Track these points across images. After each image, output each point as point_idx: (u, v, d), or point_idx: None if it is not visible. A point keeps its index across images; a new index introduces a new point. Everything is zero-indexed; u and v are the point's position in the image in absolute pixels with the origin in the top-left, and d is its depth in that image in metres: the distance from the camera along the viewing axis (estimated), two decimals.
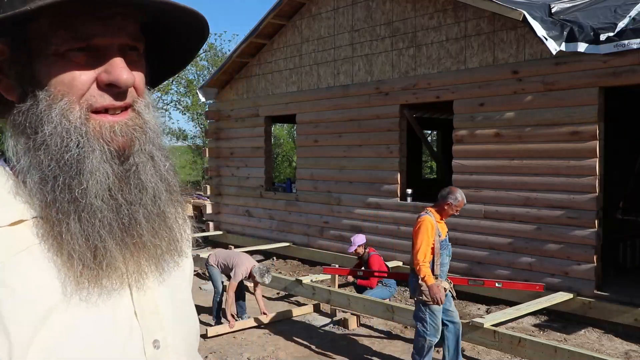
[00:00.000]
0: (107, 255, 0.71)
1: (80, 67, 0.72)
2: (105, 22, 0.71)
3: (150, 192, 0.75)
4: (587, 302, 6.18)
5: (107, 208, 0.71)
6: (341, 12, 9.09)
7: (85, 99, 0.72)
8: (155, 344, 0.77)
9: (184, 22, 0.81)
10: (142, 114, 0.77)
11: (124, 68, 0.72)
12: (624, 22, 5.75)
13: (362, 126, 8.69)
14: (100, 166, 0.71)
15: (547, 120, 6.46)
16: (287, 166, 27.97)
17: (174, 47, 0.88)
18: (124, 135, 0.74)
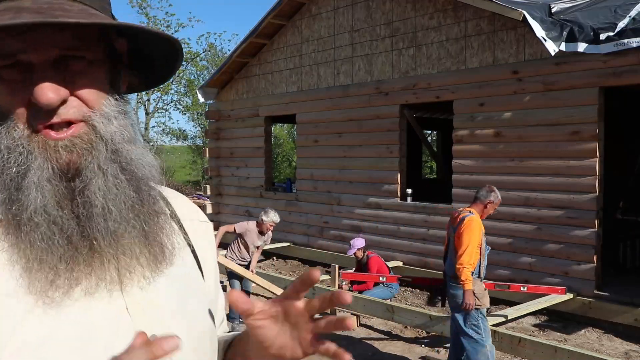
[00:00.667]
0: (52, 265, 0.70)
1: (15, 85, 0.71)
2: (24, 37, 0.69)
3: (99, 209, 0.72)
4: (587, 302, 6.18)
5: (48, 224, 0.70)
6: (341, 12, 9.09)
7: (27, 117, 0.71)
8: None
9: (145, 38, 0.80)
10: (96, 128, 0.73)
11: (49, 88, 0.69)
12: (624, 22, 5.75)
13: (362, 126, 8.69)
14: (40, 184, 0.70)
15: (547, 120, 6.46)
16: (287, 166, 27.97)
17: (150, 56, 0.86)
18: (69, 152, 0.71)
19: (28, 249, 0.70)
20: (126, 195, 0.75)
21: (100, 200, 0.72)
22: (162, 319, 0.78)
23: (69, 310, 0.70)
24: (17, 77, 0.71)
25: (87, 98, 0.73)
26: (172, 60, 0.86)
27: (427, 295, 7.65)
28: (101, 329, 0.72)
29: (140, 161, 0.78)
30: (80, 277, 0.71)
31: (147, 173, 0.79)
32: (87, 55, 0.73)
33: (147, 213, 0.78)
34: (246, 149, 10.93)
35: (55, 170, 0.71)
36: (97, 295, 0.72)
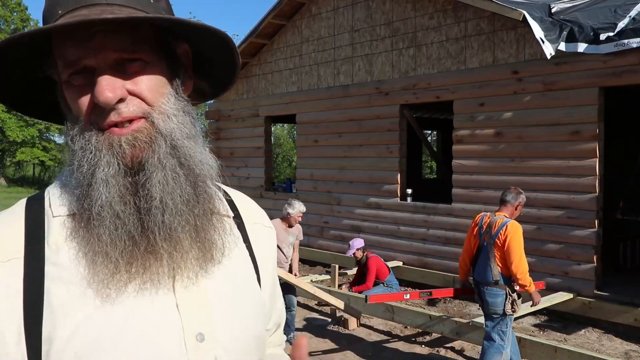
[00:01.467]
0: (114, 259, 0.75)
1: (81, 90, 0.77)
2: (85, 45, 0.75)
3: (157, 202, 0.77)
4: (587, 302, 6.18)
5: (112, 219, 0.75)
6: (341, 12, 9.09)
7: (93, 118, 0.77)
8: (199, 337, 0.78)
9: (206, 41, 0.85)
10: (156, 124, 0.78)
11: (107, 87, 0.75)
12: (624, 22, 5.75)
13: (362, 126, 8.69)
14: (106, 180, 0.75)
15: (547, 120, 6.46)
16: (287, 166, 27.96)
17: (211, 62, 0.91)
18: (131, 146, 0.77)
19: (95, 242, 0.75)
20: (182, 190, 0.79)
21: (159, 194, 0.77)
22: (210, 318, 0.80)
23: (124, 304, 0.75)
24: (83, 81, 0.77)
25: (146, 96, 0.78)
26: (231, 62, 0.90)
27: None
28: (151, 324, 0.75)
29: (199, 159, 0.82)
30: (138, 272, 0.76)
31: (204, 171, 0.82)
32: (143, 57, 0.78)
33: (202, 210, 0.82)
34: (246, 149, 10.93)
35: (120, 166, 0.76)
36: (150, 290, 0.77)
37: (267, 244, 0.99)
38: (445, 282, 7.46)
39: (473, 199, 7.23)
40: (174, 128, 0.79)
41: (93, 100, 0.76)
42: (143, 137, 0.77)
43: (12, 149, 33.32)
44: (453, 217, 7.51)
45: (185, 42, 0.86)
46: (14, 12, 33.15)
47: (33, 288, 0.74)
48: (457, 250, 7.44)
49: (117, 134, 0.76)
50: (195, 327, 0.78)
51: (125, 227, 0.75)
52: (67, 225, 0.78)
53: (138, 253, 0.76)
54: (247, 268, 0.91)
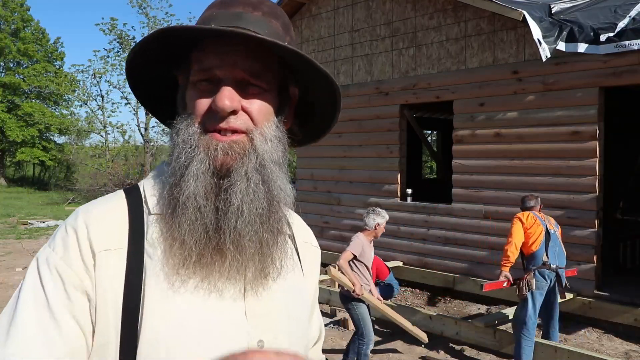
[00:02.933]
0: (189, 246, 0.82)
1: (203, 94, 0.86)
2: (222, 57, 0.85)
3: (235, 207, 0.83)
4: (587, 302, 6.18)
5: (194, 210, 0.82)
6: (341, 12, 9.09)
7: (203, 119, 0.86)
8: (260, 344, 0.84)
9: (319, 85, 0.93)
10: (254, 142, 0.86)
11: (227, 97, 0.84)
12: (624, 22, 5.75)
13: (362, 126, 8.69)
14: (198, 175, 0.83)
15: (547, 120, 6.46)
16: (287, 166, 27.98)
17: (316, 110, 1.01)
18: (225, 154, 0.84)
19: (176, 229, 0.82)
20: (259, 204, 0.86)
21: (238, 201, 0.84)
22: (272, 327, 0.87)
23: (191, 297, 0.81)
24: (208, 87, 0.86)
25: (255, 116, 0.87)
26: (330, 114, 0.99)
27: (427, 295, 7.66)
28: (219, 323, 0.82)
29: (279, 184, 0.90)
30: (207, 264, 0.83)
31: (281, 195, 0.90)
32: (262, 85, 0.88)
33: (271, 227, 0.88)
34: None
35: (211, 166, 0.84)
36: (218, 288, 0.83)
37: (314, 262, 1.09)
38: (446, 282, 7.46)
39: (473, 199, 7.23)
40: (266, 150, 0.87)
41: (211, 105, 0.85)
42: (238, 149, 0.85)
43: (12, 149, 33.31)
44: (453, 217, 7.50)
45: (297, 86, 0.96)
46: (14, 13, 33.10)
47: (134, 279, 0.81)
48: (457, 250, 7.45)
49: (217, 139, 0.85)
50: (258, 333, 0.85)
51: (204, 220, 0.83)
52: (162, 222, 0.85)
53: (209, 247, 0.83)
54: (301, 285, 1.00)
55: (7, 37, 32.38)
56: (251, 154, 0.86)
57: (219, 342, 0.81)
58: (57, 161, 33.09)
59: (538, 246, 4.88)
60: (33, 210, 19.10)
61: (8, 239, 12.44)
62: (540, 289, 4.81)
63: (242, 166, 0.85)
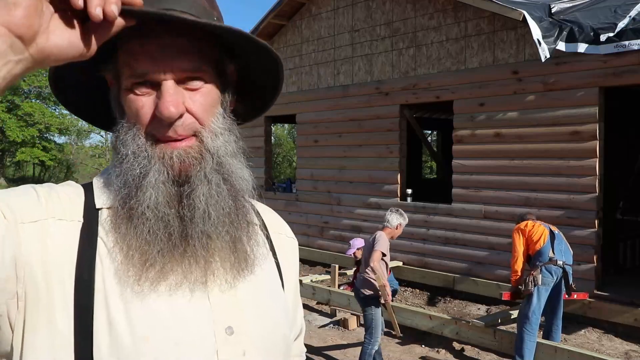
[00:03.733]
0: (151, 257, 0.80)
1: (142, 100, 0.82)
2: (155, 60, 0.80)
3: (200, 212, 0.82)
4: (587, 302, 6.18)
5: (156, 220, 0.81)
6: (341, 12, 9.09)
7: (150, 128, 0.83)
8: (228, 330, 0.83)
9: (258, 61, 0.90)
10: (205, 142, 0.84)
11: (172, 103, 0.80)
12: (624, 22, 5.75)
13: (362, 126, 8.69)
14: (156, 185, 0.81)
15: (547, 120, 6.46)
16: (287, 166, 27.97)
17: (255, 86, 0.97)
18: (181, 161, 0.82)
19: (134, 239, 0.80)
20: (225, 203, 0.85)
21: (202, 205, 0.82)
22: (240, 316, 0.85)
23: (153, 302, 0.79)
24: (145, 91, 0.82)
25: (200, 116, 0.84)
26: (273, 87, 0.96)
27: (427, 295, 7.66)
28: (184, 318, 0.80)
29: (239, 175, 0.88)
30: (170, 273, 0.81)
31: (243, 186, 0.89)
32: (204, 77, 0.84)
33: (240, 222, 0.88)
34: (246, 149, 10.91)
35: (169, 175, 0.82)
36: (184, 291, 0.81)
37: (290, 253, 1.06)
38: (446, 282, 7.46)
39: (473, 199, 7.23)
40: (220, 146, 0.85)
41: (155, 112, 0.81)
42: (193, 154, 0.83)
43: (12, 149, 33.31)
44: (453, 217, 7.51)
45: (233, 63, 0.91)
46: None
47: (87, 255, 0.79)
48: (457, 250, 7.45)
49: (172, 147, 0.82)
50: (225, 321, 0.83)
51: (167, 229, 0.81)
52: (108, 218, 0.83)
53: (176, 255, 0.81)
54: (273, 275, 0.97)
55: None
56: (206, 154, 0.84)
57: (187, 335, 0.79)
58: (57, 161, 33.09)
59: (544, 243, 4.94)
60: None
61: None
62: (546, 284, 4.86)
63: (200, 170, 0.83)
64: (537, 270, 4.84)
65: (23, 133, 31.45)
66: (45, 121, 30.66)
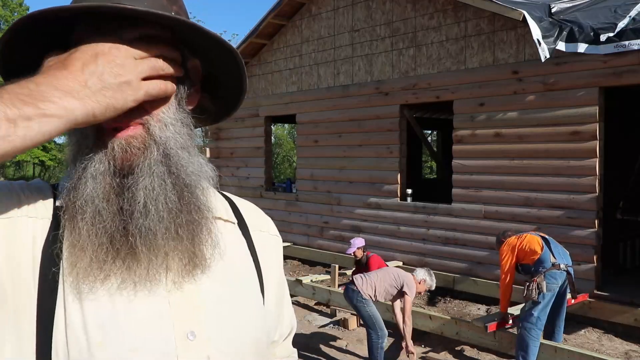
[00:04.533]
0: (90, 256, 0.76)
1: None
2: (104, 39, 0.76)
3: (141, 206, 0.78)
4: (587, 302, 6.18)
5: (93, 214, 0.77)
6: (341, 12, 9.09)
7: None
8: (190, 336, 0.79)
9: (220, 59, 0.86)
10: (152, 132, 0.80)
11: None
12: (624, 22, 5.75)
13: (362, 126, 8.69)
14: (95, 176, 0.77)
15: (547, 120, 6.46)
16: (287, 166, 27.97)
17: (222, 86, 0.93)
18: (124, 151, 0.78)
19: (78, 235, 0.77)
20: (167, 198, 0.80)
21: (142, 198, 0.78)
22: (203, 318, 0.81)
23: (106, 304, 0.75)
24: None
25: (149, 108, 0.80)
26: (238, 86, 0.92)
27: (427, 295, 7.66)
28: (136, 322, 0.76)
29: (190, 169, 0.82)
30: (114, 271, 0.77)
31: (194, 182, 0.83)
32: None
33: (186, 219, 0.82)
34: (246, 149, 10.93)
35: (111, 165, 0.78)
36: (137, 294, 0.77)
37: (273, 251, 1.01)
38: (445, 282, 7.46)
39: (473, 199, 7.23)
40: (169, 137, 0.80)
41: None
42: (136, 144, 0.78)
43: None
44: (453, 217, 7.51)
45: (196, 58, 0.88)
46: (14, 12, 33.14)
47: (50, 254, 0.76)
48: (457, 250, 7.45)
49: (114, 136, 0.78)
50: (186, 325, 0.79)
51: (104, 223, 0.76)
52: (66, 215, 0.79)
53: (114, 252, 0.77)
54: (248, 274, 0.92)
55: None
56: (152, 145, 0.79)
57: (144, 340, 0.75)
58: (57, 161, 33.10)
59: (541, 250, 4.86)
60: None
61: None
62: (551, 290, 4.80)
63: (144, 160, 0.78)
64: (541, 276, 4.77)
65: None
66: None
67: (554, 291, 4.84)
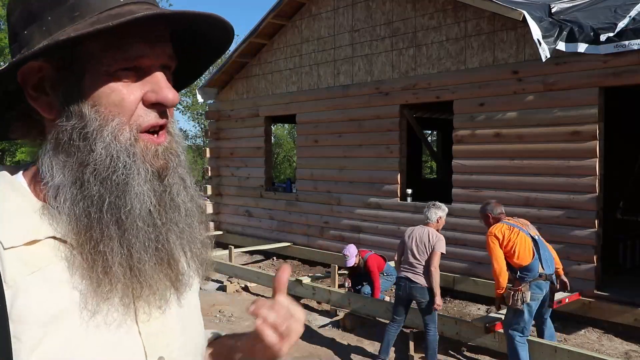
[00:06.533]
0: (143, 274, 0.73)
1: (128, 86, 0.73)
2: (152, 44, 0.74)
3: (182, 211, 0.77)
4: (587, 302, 6.18)
5: (148, 228, 0.73)
6: (341, 12, 9.09)
7: (134, 119, 0.74)
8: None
9: (207, 28, 0.82)
10: (174, 137, 0.79)
11: (169, 88, 0.75)
12: (624, 22, 5.75)
13: (362, 126, 8.69)
14: (144, 188, 0.72)
15: (547, 120, 6.46)
16: (287, 166, 27.98)
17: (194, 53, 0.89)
18: (164, 158, 0.76)
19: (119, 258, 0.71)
20: (196, 202, 0.81)
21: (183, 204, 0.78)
22: (171, 349, 0.79)
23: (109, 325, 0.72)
24: (131, 79, 0.74)
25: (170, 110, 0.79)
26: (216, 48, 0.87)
27: None
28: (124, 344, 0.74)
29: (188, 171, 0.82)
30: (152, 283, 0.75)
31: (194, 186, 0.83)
32: (172, 65, 0.79)
33: (204, 221, 0.84)
34: (246, 149, 10.93)
35: (154, 174, 0.75)
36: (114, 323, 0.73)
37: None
38: (446, 282, 7.45)
39: (473, 199, 7.22)
40: (181, 143, 0.81)
41: (151, 98, 0.74)
42: (170, 150, 0.78)
43: (12, 148, 33.32)
44: (453, 217, 7.49)
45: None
46: None
47: (1, 339, 0.65)
48: (456, 250, 7.44)
49: (155, 143, 0.75)
50: (156, 352, 0.76)
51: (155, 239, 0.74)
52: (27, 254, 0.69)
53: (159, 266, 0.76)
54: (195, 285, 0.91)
55: (6, 37, 32.40)
56: (178, 152, 0.79)
57: None
58: None
59: (531, 257, 4.62)
60: None
61: None
62: (535, 300, 4.65)
63: (176, 167, 0.78)
64: (526, 286, 4.55)
65: None
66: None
67: (538, 300, 4.66)
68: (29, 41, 0.73)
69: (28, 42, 0.73)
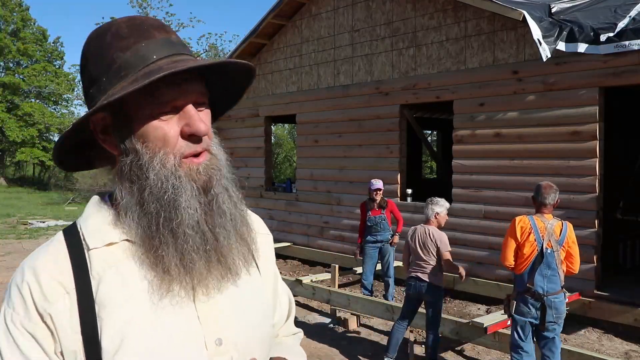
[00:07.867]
0: (195, 271, 0.89)
1: (168, 125, 0.91)
2: (180, 88, 0.90)
3: (228, 216, 0.93)
4: (587, 302, 6.18)
5: (196, 235, 0.89)
6: (341, 12, 9.09)
7: (177, 149, 0.91)
8: (218, 342, 0.91)
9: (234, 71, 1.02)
10: (216, 155, 0.96)
11: (200, 121, 0.91)
12: (624, 22, 5.75)
13: (362, 126, 8.69)
14: (190, 202, 0.89)
15: (547, 120, 6.46)
16: (287, 166, 27.97)
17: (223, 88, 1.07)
18: (206, 174, 0.92)
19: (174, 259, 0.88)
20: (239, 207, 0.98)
21: (228, 210, 0.94)
22: (227, 325, 0.93)
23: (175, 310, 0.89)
24: (169, 119, 0.91)
25: (209, 133, 0.96)
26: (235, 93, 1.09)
27: None
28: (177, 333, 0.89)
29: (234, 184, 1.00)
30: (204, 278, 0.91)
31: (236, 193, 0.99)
32: (206, 101, 0.96)
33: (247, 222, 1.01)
34: (246, 149, 10.93)
35: (199, 189, 0.91)
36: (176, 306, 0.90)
37: (267, 248, 1.14)
38: (446, 282, 7.44)
39: (473, 199, 7.23)
40: (223, 158, 0.98)
41: (186, 131, 0.91)
42: (212, 166, 0.94)
43: (12, 149, 33.30)
44: (453, 217, 7.48)
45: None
46: (13, 12, 33.10)
47: (86, 314, 0.86)
48: (456, 250, 7.44)
49: (196, 163, 0.92)
50: (214, 332, 0.91)
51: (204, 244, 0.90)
52: (107, 254, 0.90)
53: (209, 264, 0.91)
54: (256, 275, 1.04)
55: (6, 36, 32.39)
56: (220, 166, 0.95)
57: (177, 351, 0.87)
58: None
59: (525, 269, 4.08)
60: (33, 211, 19.09)
61: (8, 239, 12.44)
62: (521, 315, 4.11)
63: (219, 179, 0.94)
64: (514, 295, 4.15)
65: (23, 133, 31.42)
66: (45, 121, 30.65)
67: (525, 317, 4.10)
68: (93, 99, 0.93)
69: (92, 99, 0.93)
